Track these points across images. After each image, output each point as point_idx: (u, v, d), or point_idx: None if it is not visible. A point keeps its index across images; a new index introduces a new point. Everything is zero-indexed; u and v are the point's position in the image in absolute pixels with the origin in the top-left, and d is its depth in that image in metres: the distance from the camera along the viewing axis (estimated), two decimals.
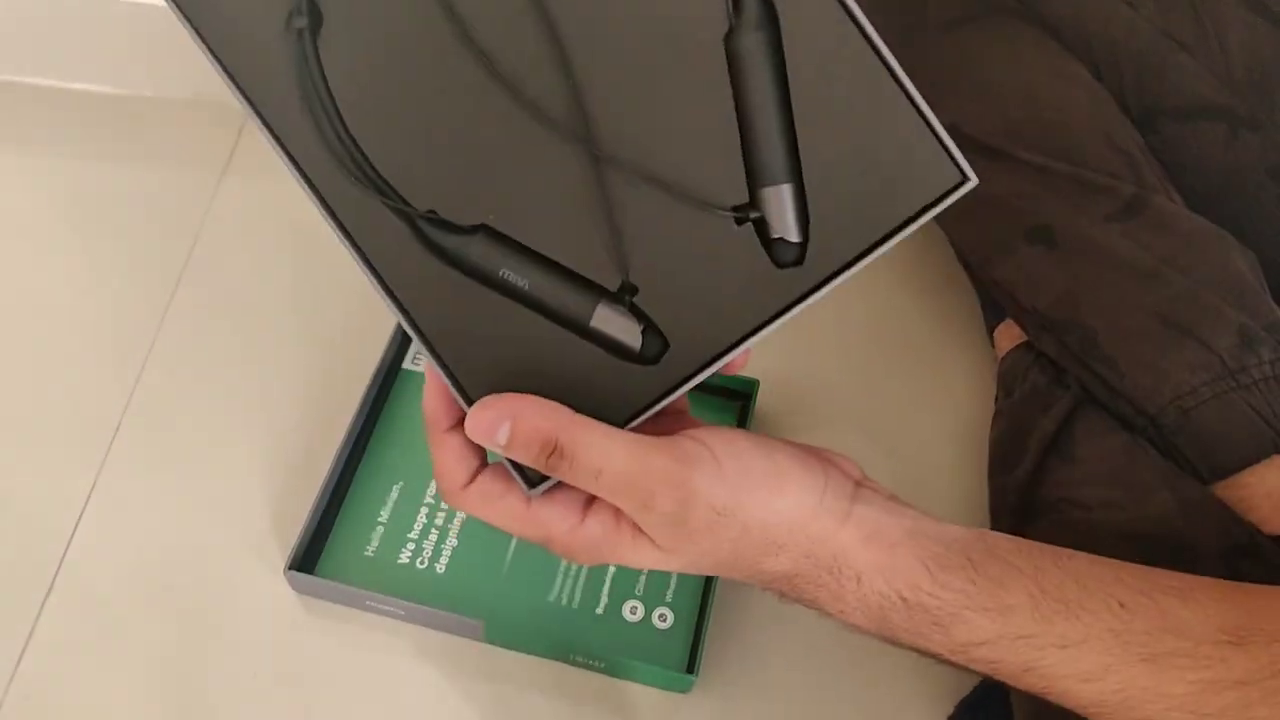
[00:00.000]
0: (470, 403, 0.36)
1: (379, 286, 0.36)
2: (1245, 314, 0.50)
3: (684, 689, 0.55)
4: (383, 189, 0.36)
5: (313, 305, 0.70)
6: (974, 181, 0.35)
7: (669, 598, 0.57)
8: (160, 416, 0.64)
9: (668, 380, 0.37)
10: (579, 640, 0.55)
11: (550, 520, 0.36)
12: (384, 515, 0.58)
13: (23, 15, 0.76)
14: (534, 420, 0.34)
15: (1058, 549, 0.38)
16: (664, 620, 0.56)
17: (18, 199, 0.75)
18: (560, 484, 0.36)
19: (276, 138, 0.36)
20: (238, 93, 0.36)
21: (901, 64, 0.34)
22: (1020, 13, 0.61)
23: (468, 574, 0.57)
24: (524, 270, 0.36)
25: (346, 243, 0.36)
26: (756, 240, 0.36)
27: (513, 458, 0.35)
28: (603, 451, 0.34)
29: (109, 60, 0.78)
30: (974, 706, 0.55)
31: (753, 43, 0.35)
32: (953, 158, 0.35)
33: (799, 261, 0.36)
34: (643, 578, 0.57)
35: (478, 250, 0.36)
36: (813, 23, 0.35)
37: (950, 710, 0.55)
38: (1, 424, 0.64)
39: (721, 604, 0.58)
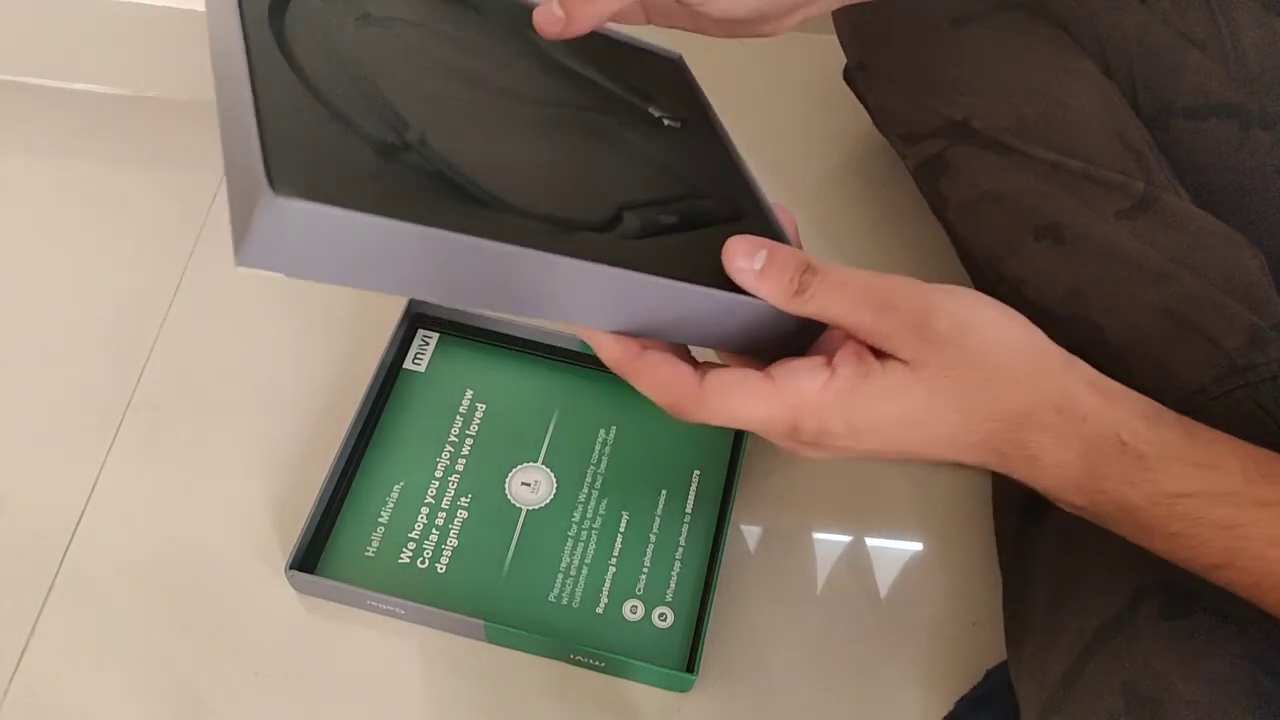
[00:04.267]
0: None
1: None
2: (1254, 313, 0.50)
3: (684, 689, 0.55)
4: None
5: (314, 305, 0.69)
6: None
7: (669, 597, 0.56)
8: (161, 416, 0.64)
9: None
10: (579, 640, 0.55)
11: (799, 383, 0.37)
12: (385, 515, 0.58)
13: (24, 16, 0.76)
14: (787, 248, 0.38)
15: None
16: (664, 620, 0.56)
17: (19, 199, 0.75)
18: (789, 360, 0.38)
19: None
20: None
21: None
22: (1031, 9, 0.61)
23: (468, 574, 0.57)
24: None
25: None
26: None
27: (765, 280, 0.37)
28: (847, 269, 0.37)
29: (109, 60, 0.78)
30: (975, 704, 0.55)
31: None
32: None
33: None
34: (643, 577, 0.57)
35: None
36: None
37: (950, 708, 0.55)
38: (3, 423, 0.64)
39: (721, 604, 0.58)
